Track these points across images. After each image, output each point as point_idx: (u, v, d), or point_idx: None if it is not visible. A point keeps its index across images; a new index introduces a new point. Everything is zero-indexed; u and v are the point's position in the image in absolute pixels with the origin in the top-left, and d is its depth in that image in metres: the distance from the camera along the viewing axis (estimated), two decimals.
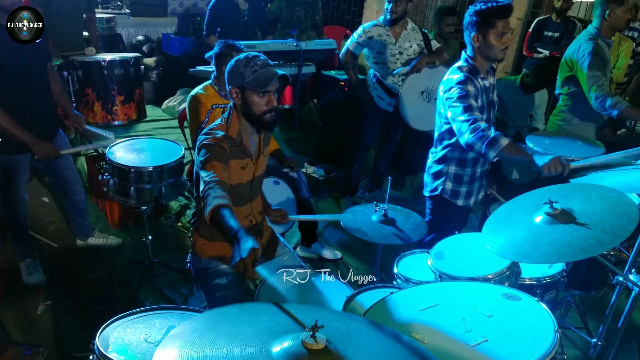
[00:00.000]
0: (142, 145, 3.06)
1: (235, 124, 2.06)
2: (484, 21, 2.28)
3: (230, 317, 1.31)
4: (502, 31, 2.27)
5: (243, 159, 2.09)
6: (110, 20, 5.69)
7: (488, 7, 2.26)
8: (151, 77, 6.26)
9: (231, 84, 2.01)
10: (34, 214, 3.73)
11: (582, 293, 2.53)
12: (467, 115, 2.26)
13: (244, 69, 1.96)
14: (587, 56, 3.25)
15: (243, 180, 2.13)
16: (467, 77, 2.35)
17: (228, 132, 2.04)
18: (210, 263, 2.25)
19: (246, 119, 2.07)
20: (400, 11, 3.67)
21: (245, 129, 2.08)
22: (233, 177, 2.08)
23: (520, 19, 5.71)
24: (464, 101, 2.30)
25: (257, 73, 1.96)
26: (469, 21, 2.34)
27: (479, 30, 2.30)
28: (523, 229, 1.66)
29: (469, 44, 2.41)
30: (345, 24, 7.44)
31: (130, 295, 3.07)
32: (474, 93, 2.33)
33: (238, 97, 2.02)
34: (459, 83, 2.34)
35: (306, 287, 2.20)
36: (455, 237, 2.18)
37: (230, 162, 2.02)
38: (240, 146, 2.07)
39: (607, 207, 1.60)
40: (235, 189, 2.11)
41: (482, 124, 2.22)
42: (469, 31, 2.36)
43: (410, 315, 1.54)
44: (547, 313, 1.45)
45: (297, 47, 4.20)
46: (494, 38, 2.28)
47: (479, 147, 2.20)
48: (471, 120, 2.24)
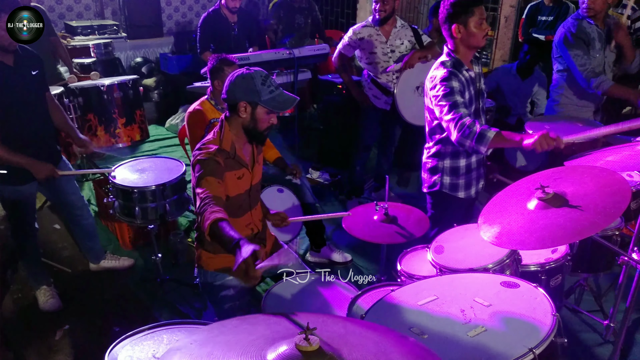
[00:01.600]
0: (143, 165, 3.11)
1: (228, 136, 2.08)
2: (462, 10, 2.30)
3: (230, 328, 1.34)
4: (480, 17, 2.30)
5: (239, 169, 2.12)
6: (108, 45, 5.78)
7: None
8: (152, 97, 6.35)
9: (243, 99, 2.01)
10: (46, 241, 3.80)
11: (590, 275, 2.51)
12: (452, 114, 2.28)
13: (261, 87, 1.98)
14: (568, 36, 3.33)
15: (241, 191, 2.16)
16: (451, 72, 2.36)
17: (222, 145, 2.07)
18: (216, 276, 2.28)
19: (246, 133, 2.09)
20: (388, 10, 3.69)
21: (238, 140, 2.10)
22: (231, 189, 2.11)
23: (513, 7, 5.69)
24: (449, 98, 2.31)
25: (274, 93, 2.00)
26: (447, 14, 2.36)
27: (458, 21, 2.32)
28: (518, 215, 1.66)
29: (449, 37, 2.43)
30: (339, 27, 7.48)
31: (145, 313, 3.12)
32: (458, 88, 2.34)
33: (246, 112, 2.03)
34: (443, 80, 2.35)
35: (311, 292, 2.22)
36: (454, 230, 2.18)
37: (225, 175, 2.05)
38: (235, 157, 2.10)
39: (598, 187, 1.60)
40: (234, 200, 2.14)
41: (467, 121, 2.23)
42: (448, 24, 2.37)
43: (410, 311, 1.55)
44: (545, 298, 1.46)
45: (290, 55, 4.24)
46: (474, 25, 2.31)
47: (469, 144, 2.23)
48: (457, 117, 2.26)
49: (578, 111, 3.59)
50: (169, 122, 5.85)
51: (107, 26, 6.44)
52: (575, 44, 3.29)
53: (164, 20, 7.35)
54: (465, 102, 2.35)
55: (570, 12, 5.10)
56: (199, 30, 4.67)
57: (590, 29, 3.34)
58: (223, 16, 4.64)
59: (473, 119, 2.26)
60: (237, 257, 1.59)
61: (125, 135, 4.40)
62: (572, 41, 3.31)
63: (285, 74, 4.45)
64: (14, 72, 2.67)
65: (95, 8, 6.93)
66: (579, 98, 3.56)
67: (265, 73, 2.02)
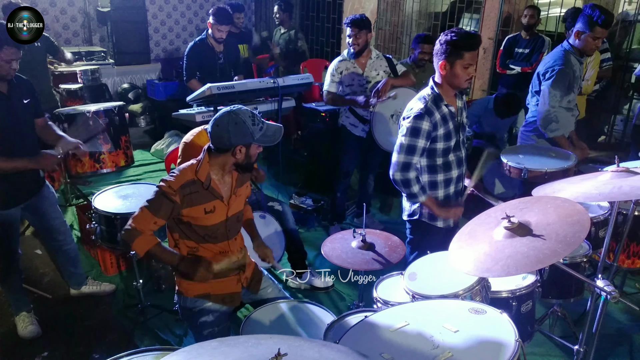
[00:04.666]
0: (126, 192, 3.15)
1: (205, 167, 2.12)
2: (453, 51, 2.35)
3: (209, 350, 1.37)
4: (468, 63, 2.36)
5: (209, 201, 2.14)
6: (95, 72, 5.86)
7: (459, 38, 2.33)
8: (139, 123, 6.42)
9: (239, 143, 2.07)
10: (27, 266, 3.79)
11: (560, 301, 2.58)
12: (404, 156, 2.47)
13: (253, 128, 2.06)
14: (556, 70, 3.36)
15: (215, 222, 2.19)
16: (427, 110, 2.43)
17: (197, 175, 2.11)
18: (195, 302, 2.31)
19: (237, 167, 2.16)
20: (361, 43, 3.82)
21: (216, 171, 2.15)
22: (200, 220, 2.16)
23: (491, 38, 5.90)
24: (411, 140, 2.44)
25: (263, 129, 2.09)
26: (439, 49, 2.42)
27: (447, 59, 2.38)
28: (485, 244, 1.74)
29: (437, 70, 2.49)
30: (325, 56, 7.66)
31: (126, 339, 3.11)
32: (428, 129, 2.43)
33: (241, 153, 2.10)
34: (416, 117, 2.43)
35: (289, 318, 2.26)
36: (428, 257, 2.25)
37: (182, 212, 2.11)
38: (208, 189, 2.14)
39: (560, 217, 1.69)
40: (206, 230, 2.19)
41: (410, 175, 2.49)
42: (438, 58, 2.44)
43: (382, 336, 1.60)
44: (509, 324, 1.52)
45: (274, 84, 4.34)
46: (460, 68, 2.37)
47: (400, 189, 2.55)
48: (405, 163, 2.48)
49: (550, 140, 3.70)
50: (155, 148, 5.90)
51: (94, 52, 6.54)
52: (560, 84, 3.33)
53: (152, 47, 7.47)
54: (425, 148, 2.48)
55: (545, 45, 5.31)
56: (186, 58, 4.77)
57: (576, 65, 3.42)
58: (209, 45, 4.75)
59: (416, 175, 2.51)
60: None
61: (110, 161, 4.43)
62: (562, 82, 3.34)
63: (269, 102, 4.55)
64: (7, 99, 2.72)
65: (84, 35, 7.03)
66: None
67: (250, 112, 2.08)
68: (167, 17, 7.73)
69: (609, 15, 3.24)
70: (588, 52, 3.43)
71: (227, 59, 4.87)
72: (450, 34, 2.38)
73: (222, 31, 4.65)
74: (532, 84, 3.68)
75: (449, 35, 2.39)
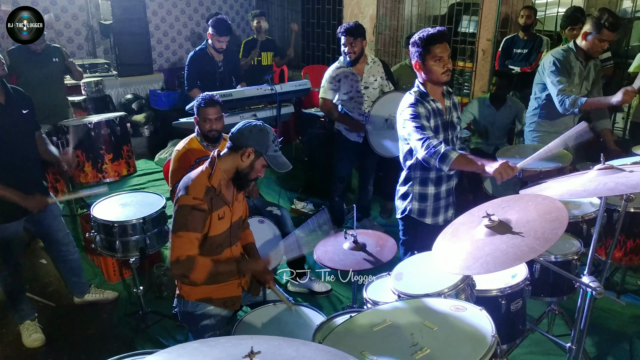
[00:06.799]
0: (125, 200, 3.21)
1: (218, 173, 2.18)
2: (420, 49, 2.44)
3: (189, 350, 1.40)
4: (439, 55, 2.42)
5: (221, 207, 2.20)
6: (99, 83, 5.95)
7: (421, 36, 2.44)
8: (142, 133, 6.50)
9: (253, 146, 2.14)
10: (33, 276, 3.86)
11: (554, 299, 2.58)
12: (419, 135, 2.41)
13: (271, 144, 2.16)
14: (553, 64, 3.43)
15: (223, 230, 2.24)
16: (417, 100, 2.52)
17: (210, 181, 2.16)
18: (197, 306, 2.35)
19: (236, 175, 2.20)
20: (357, 51, 3.86)
21: (224, 178, 2.20)
22: (212, 229, 2.19)
23: (490, 40, 5.91)
24: (417, 121, 2.45)
25: (277, 153, 2.19)
26: (411, 52, 2.52)
27: (418, 58, 2.47)
28: (467, 242, 1.76)
29: (416, 71, 2.57)
30: (325, 62, 7.71)
31: (128, 346, 3.16)
32: (425, 114, 2.49)
33: (248, 158, 2.16)
34: (411, 105, 2.50)
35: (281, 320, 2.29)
36: (415, 257, 2.27)
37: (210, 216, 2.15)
38: (219, 195, 2.19)
39: (540, 214, 1.70)
40: (215, 239, 2.23)
41: (433, 142, 2.36)
42: (412, 61, 2.54)
43: (364, 336, 1.63)
44: (488, 320, 1.54)
45: (272, 91, 4.39)
46: (432, 63, 2.44)
47: (433, 162, 2.35)
48: (424, 138, 2.39)
49: (551, 137, 3.70)
50: (158, 157, 5.98)
51: (98, 65, 6.64)
52: (561, 71, 3.40)
53: (155, 57, 7.57)
54: (431, 127, 2.48)
55: (543, 45, 5.32)
56: (187, 68, 4.84)
57: (575, 63, 3.47)
58: (209, 55, 4.82)
59: (440, 141, 2.38)
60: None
61: (112, 170, 4.50)
62: (559, 67, 3.40)
63: (268, 109, 4.60)
64: (4, 110, 2.79)
65: (88, 47, 7.15)
66: (551, 125, 3.68)
67: (275, 134, 2.21)
68: (169, 28, 7.83)
69: (617, 19, 3.30)
70: (593, 54, 3.47)
71: (227, 68, 4.93)
72: (415, 36, 2.48)
73: (222, 42, 4.72)
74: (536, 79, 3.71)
75: (414, 37, 2.49)
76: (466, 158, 2.30)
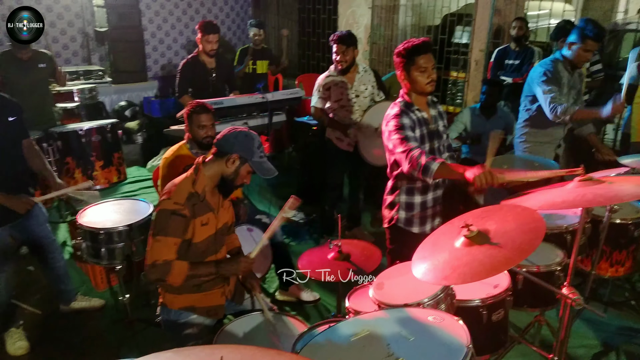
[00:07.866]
0: (112, 208, 3.20)
1: (202, 180, 2.18)
2: (404, 60, 2.46)
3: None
4: (423, 66, 2.43)
5: (205, 214, 2.20)
6: (92, 90, 5.97)
7: (405, 47, 2.45)
8: (136, 140, 6.50)
9: (238, 152, 2.15)
10: (19, 283, 3.83)
11: (538, 310, 2.58)
12: (403, 146, 2.41)
13: (256, 150, 2.17)
14: (544, 74, 3.45)
15: (206, 236, 2.24)
16: (402, 110, 2.52)
17: (194, 187, 2.17)
18: (180, 314, 2.34)
19: (221, 181, 2.21)
20: (349, 60, 3.89)
21: (209, 184, 2.21)
22: (196, 236, 2.19)
23: (482, 50, 5.95)
24: (400, 133, 2.45)
25: (262, 160, 2.19)
26: (395, 63, 2.53)
27: (402, 69, 2.49)
28: (446, 252, 1.76)
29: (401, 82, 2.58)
30: (320, 70, 7.72)
31: (113, 355, 3.14)
32: (409, 124, 2.49)
33: (233, 165, 2.16)
34: (394, 116, 2.51)
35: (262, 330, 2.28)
36: (396, 267, 2.27)
37: (191, 223, 2.14)
38: (204, 202, 2.19)
39: (518, 225, 1.71)
40: (199, 245, 2.23)
41: (415, 153, 2.35)
42: (397, 72, 2.55)
43: (341, 346, 1.62)
44: (463, 331, 1.54)
45: (264, 99, 4.40)
46: (416, 74, 2.45)
47: (417, 174, 2.36)
48: (407, 150, 2.39)
49: (540, 147, 3.73)
50: (151, 164, 5.98)
51: (92, 71, 6.66)
52: (552, 80, 3.42)
53: (150, 65, 7.60)
54: (416, 137, 2.49)
55: (535, 56, 5.35)
56: (178, 74, 4.85)
57: (563, 73, 3.49)
58: (201, 62, 4.83)
59: (421, 151, 2.37)
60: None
61: (102, 177, 4.52)
62: (549, 77, 3.43)
63: (260, 117, 4.61)
64: None
65: (83, 54, 7.17)
66: (541, 135, 3.70)
67: (260, 141, 2.21)
68: (165, 36, 7.86)
69: (601, 30, 3.33)
70: (578, 64, 3.50)
71: (220, 76, 4.94)
72: (400, 47, 2.48)
73: (211, 42, 4.72)
74: (524, 92, 3.73)
75: (398, 47, 2.49)
76: (447, 167, 2.30)
